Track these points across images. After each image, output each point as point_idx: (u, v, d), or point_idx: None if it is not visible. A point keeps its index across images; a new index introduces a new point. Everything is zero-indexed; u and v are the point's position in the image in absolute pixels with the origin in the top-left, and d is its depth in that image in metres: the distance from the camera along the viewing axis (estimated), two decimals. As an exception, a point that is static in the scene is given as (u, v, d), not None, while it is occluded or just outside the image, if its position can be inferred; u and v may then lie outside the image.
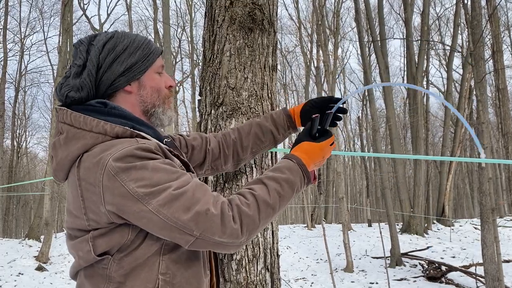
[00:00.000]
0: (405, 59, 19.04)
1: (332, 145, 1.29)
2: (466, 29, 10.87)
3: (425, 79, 18.47)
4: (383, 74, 13.74)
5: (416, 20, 24.12)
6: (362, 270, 10.92)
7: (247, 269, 1.54)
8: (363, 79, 15.53)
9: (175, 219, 0.96)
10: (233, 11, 1.65)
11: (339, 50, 22.83)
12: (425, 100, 18.54)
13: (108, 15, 27.17)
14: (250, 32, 1.66)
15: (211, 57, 1.70)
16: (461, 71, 18.56)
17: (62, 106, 1.09)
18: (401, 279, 9.85)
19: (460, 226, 16.72)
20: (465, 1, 9.84)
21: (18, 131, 25.96)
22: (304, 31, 22.78)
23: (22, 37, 22.72)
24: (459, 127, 16.43)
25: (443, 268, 9.64)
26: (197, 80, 20.82)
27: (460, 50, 18.82)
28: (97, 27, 22.23)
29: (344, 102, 1.36)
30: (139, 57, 1.13)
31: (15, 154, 25.08)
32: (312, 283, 9.94)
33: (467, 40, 13.06)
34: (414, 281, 9.61)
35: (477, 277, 8.65)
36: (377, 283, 9.63)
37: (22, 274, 9.81)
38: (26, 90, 26.19)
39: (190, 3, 22.57)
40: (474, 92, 8.13)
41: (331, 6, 21.63)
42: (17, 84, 22.59)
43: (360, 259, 12.02)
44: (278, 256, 1.67)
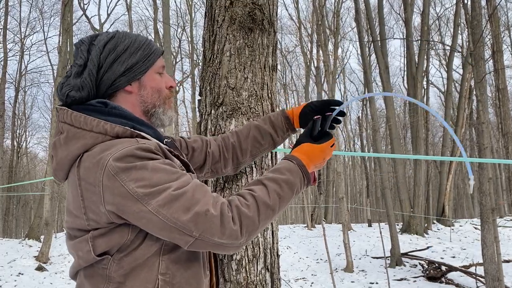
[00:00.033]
0: (405, 59, 19.05)
1: (333, 147, 1.30)
2: (466, 29, 10.88)
3: (425, 79, 18.49)
4: (383, 74, 13.75)
5: (416, 20, 24.15)
6: (362, 270, 10.91)
7: (247, 269, 1.54)
8: (363, 79, 15.56)
9: (175, 219, 0.96)
10: (233, 11, 1.65)
11: (339, 50, 22.82)
12: (425, 100, 18.55)
13: (108, 15, 27.16)
14: (250, 32, 1.66)
15: (211, 57, 1.70)
16: (461, 71, 18.57)
17: (62, 106, 1.09)
18: (401, 279, 9.85)
19: (460, 226, 16.72)
20: (465, 1, 9.85)
21: (18, 131, 25.97)
22: (304, 31, 22.78)
23: (22, 37, 22.73)
24: (459, 127, 16.43)
25: (443, 268, 9.64)
26: (197, 80, 20.81)
27: (460, 50, 18.82)
28: (97, 27, 22.21)
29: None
30: (140, 57, 1.13)
31: (15, 154, 25.08)
32: (312, 283, 9.94)
33: (467, 40, 13.08)
34: (414, 281, 9.60)
35: (477, 277, 8.64)
36: (377, 283, 9.63)
37: (22, 274, 9.80)
38: (26, 90, 26.23)
39: (190, 3, 22.56)
40: (474, 92, 8.13)
41: (331, 6, 21.64)
42: (17, 84, 22.59)
43: (360, 259, 12.02)
44: (278, 256, 1.66)
